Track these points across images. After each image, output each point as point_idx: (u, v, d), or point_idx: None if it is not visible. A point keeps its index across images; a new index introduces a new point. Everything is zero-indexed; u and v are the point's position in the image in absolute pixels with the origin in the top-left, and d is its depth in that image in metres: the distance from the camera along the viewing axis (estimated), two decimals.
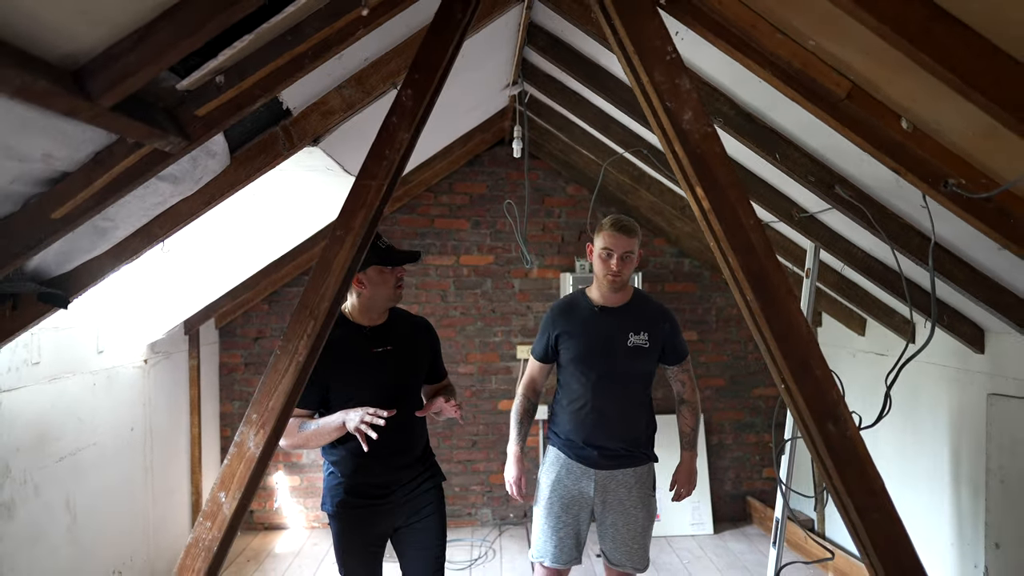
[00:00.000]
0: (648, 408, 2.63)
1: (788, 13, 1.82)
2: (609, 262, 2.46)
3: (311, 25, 1.80)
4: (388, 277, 2.30)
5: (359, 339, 2.34)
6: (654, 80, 1.82)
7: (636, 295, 2.62)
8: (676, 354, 2.61)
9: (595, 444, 2.52)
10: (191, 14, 1.40)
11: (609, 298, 2.55)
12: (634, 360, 2.51)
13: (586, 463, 2.54)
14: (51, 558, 2.87)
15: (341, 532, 2.36)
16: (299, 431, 2.26)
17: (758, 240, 1.83)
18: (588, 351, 2.53)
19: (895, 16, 1.44)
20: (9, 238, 1.83)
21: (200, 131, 1.87)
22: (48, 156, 1.65)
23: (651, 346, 2.52)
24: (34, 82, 1.23)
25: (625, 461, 2.55)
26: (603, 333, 2.52)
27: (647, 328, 2.52)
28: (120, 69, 1.41)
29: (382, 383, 2.32)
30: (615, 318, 2.53)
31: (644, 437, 2.60)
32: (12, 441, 2.64)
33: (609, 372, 2.50)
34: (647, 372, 2.58)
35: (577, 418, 2.54)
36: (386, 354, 2.35)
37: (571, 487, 2.55)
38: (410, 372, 2.43)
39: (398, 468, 2.37)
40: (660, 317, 2.56)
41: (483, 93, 3.54)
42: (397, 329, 2.42)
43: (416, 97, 1.88)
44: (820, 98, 1.96)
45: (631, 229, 2.48)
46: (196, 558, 1.86)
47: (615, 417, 2.52)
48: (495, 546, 4.53)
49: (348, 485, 2.34)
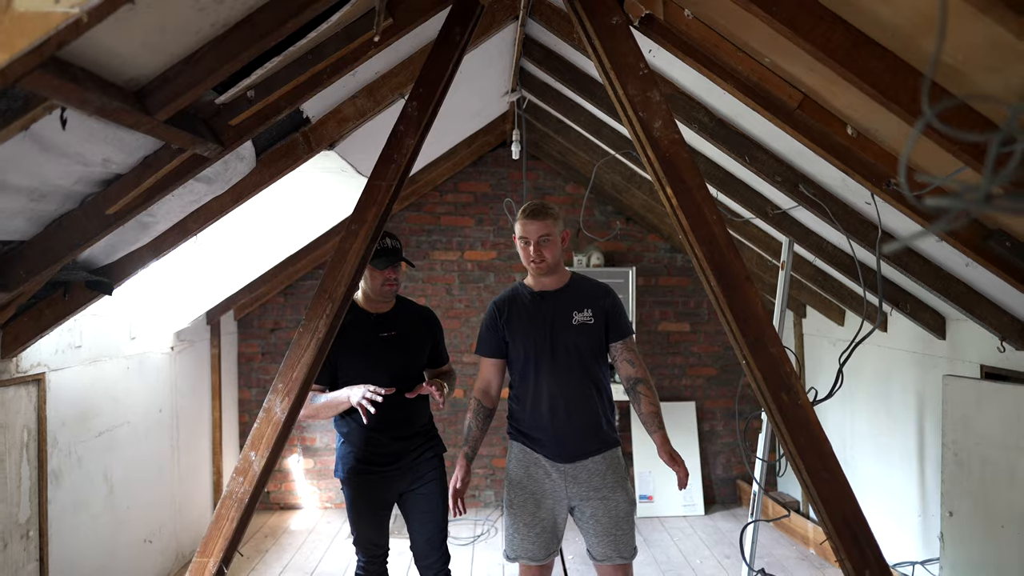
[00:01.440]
0: (605, 389, 2.51)
1: (745, 34, 2.08)
2: (528, 249, 2.43)
3: (329, 47, 2.07)
4: (376, 276, 2.55)
5: (367, 324, 2.61)
6: (628, 93, 2.09)
7: (574, 278, 2.56)
8: (619, 330, 2.50)
9: (557, 435, 2.42)
10: (232, 44, 1.69)
11: (544, 283, 2.50)
12: (580, 337, 2.43)
13: (552, 457, 2.44)
14: (92, 523, 3.17)
15: (352, 496, 2.65)
16: (311, 403, 2.52)
17: (720, 233, 2.10)
18: (533, 338, 2.46)
19: (824, 42, 1.70)
20: (70, 231, 2.12)
21: (233, 138, 2.15)
22: (107, 161, 1.93)
23: (595, 321, 2.45)
24: (110, 102, 1.51)
25: (591, 448, 2.44)
26: (545, 318, 2.46)
27: (589, 305, 2.46)
28: (173, 89, 1.69)
29: (385, 364, 2.58)
30: (555, 301, 2.47)
31: (605, 420, 2.49)
32: (59, 416, 2.93)
33: (556, 355, 2.43)
34: (596, 349, 2.46)
35: (535, 412, 2.45)
36: (391, 339, 2.62)
37: (542, 481, 2.44)
38: (411, 356, 2.68)
39: (401, 439, 2.63)
40: (601, 293, 2.51)
41: (485, 99, 3.82)
42: (402, 317, 2.68)
43: (421, 108, 2.16)
44: (776, 107, 2.22)
45: (543, 212, 2.42)
46: (230, 508, 2.15)
47: (571, 403, 2.43)
48: (496, 525, 4.80)
49: (357, 454, 2.61)
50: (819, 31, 1.71)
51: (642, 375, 2.51)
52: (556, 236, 2.45)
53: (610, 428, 2.51)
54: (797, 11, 1.69)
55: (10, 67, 1.17)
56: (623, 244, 5.22)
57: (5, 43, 1.09)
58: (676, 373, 5.25)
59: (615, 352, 2.53)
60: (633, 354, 2.53)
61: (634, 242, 5.24)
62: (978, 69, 1.55)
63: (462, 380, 5.09)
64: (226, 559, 2.16)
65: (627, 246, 5.23)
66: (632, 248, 5.24)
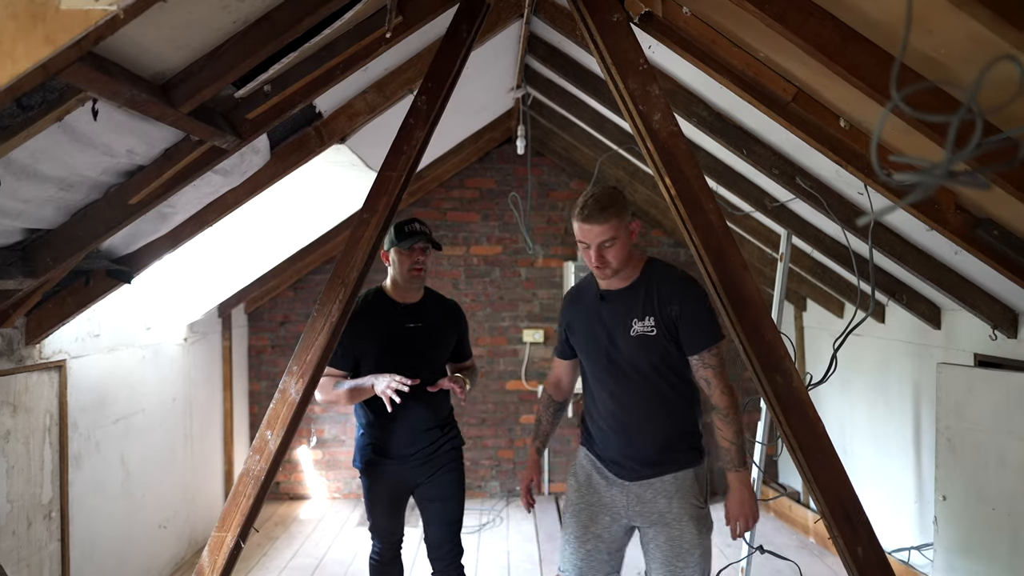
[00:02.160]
0: (685, 401, 2.16)
1: (740, 30, 2.16)
2: (588, 253, 2.07)
3: (342, 43, 2.17)
4: (404, 259, 2.54)
5: (393, 314, 2.60)
6: (628, 87, 2.18)
7: (648, 271, 2.16)
8: (690, 343, 2.08)
9: (619, 451, 2.14)
10: (252, 40, 1.78)
11: (611, 282, 2.16)
12: (638, 351, 2.08)
13: (614, 472, 2.16)
14: (109, 506, 3.27)
15: (369, 485, 2.68)
16: (334, 388, 2.55)
17: (717, 222, 2.18)
18: (589, 349, 2.19)
19: (815, 37, 1.79)
20: (94, 220, 2.22)
21: (250, 131, 2.25)
22: (131, 152, 2.03)
23: (657, 333, 2.06)
24: (138, 95, 1.60)
25: (659, 467, 2.11)
26: (604, 325, 2.14)
27: (653, 311, 2.08)
28: (196, 83, 1.79)
29: (409, 355, 2.56)
30: (616, 305, 2.13)
31: (678, 435, 2.14)
32: (78, 401, 3.04)
33: (613, 371, 2.12)
34: (664, 362, 2.10)
35: (597, 422, 2.20)
36: (416, 330, 2.61)
37: (603, 494, 2.17)
38: (435, 348, 2.67)
39: (420, 431, 2.61)
40: (669, 297, 2.09)
41: (491, 96, 3.91)
42: (429, 308, 2.67)
43: (430, 102, 2.25)
44: (771, 101, 2.31)
45: (603, 213, 2.02)
46: (247, 485, 2.24)
47: (635, 423, 2.12)
48: (502, 514, 4.90)
49: (376, 445, 2.63)
50: (809, 26, 1.79)
51: (718, 402, 2.08)
52: (623, 235, 2.05)
53: (686, 447, 2.14)
54: (787, 6, 1.77)
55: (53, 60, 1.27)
56: None
57: (49, 38, 1.18)
58: None
59: (692, 367, 2.13)
60: (712, 372, 2.08)
61: (638, 236, 5.31)
62: (958, 61, 1.64)
63: None
64: (243, 534, 2.26)
65: None
66: (636, 243, 5.31)
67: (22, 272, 2.16)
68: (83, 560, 3.02)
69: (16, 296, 2.30)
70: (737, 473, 2.09)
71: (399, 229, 2.55)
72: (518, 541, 4.41)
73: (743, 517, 2.10)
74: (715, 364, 2.09)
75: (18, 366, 2.65)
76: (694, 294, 2.12)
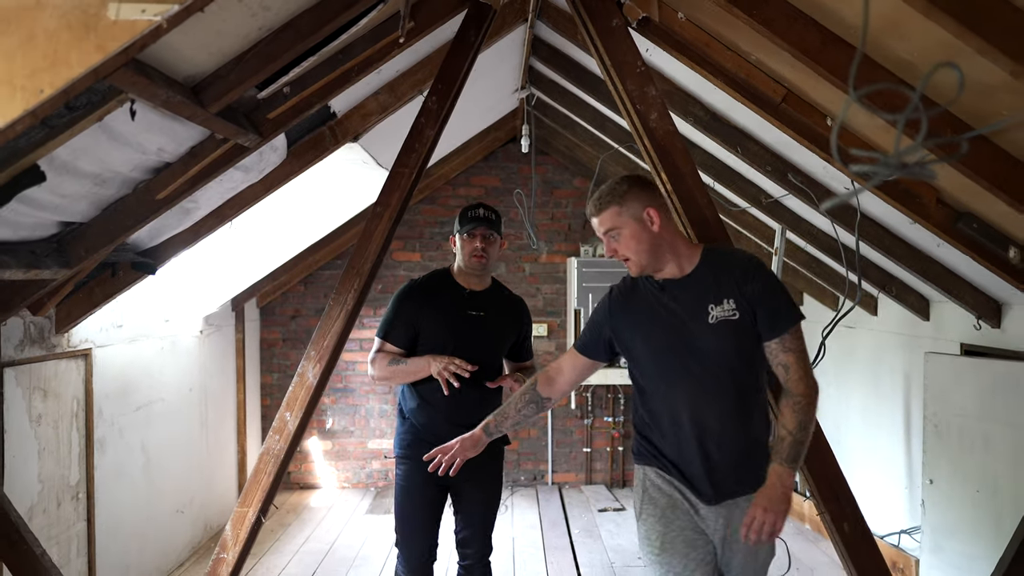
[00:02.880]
0: (763, 401, 1.92)
1: (733, 34, 2.29)
2: (610, 245, 1.90)
3: (358, 47, 2.31)
4: (466, 244, 2.44)
5: (458, 298, 2.48)
6: (627, 88, 2.31)
7: (709, 255, 1.89)
8: (771, 325, 1.78)
9: (708, 472, 1.83)
10: (275, 46, 1.92)
11: (669, 271, 1.88)
12: (722, 340, 1.80)
13: (701, 497, 1.85)
14: (131, 490, 3.42)
15: (405, 474, 2.48)
16: (388, 365, 2.43)
17: (710, 215, 2.32)
18: (656, 345, 1.89)
19: (799, 40, 1.92)
20: (124, 214, 2.35)
21: (270, 130, 2.38)
22: (160, 149, 2.17)
23: (740, 316, 1.78)
24: (173, 96, 1.74)
25: (747, 485, 1.81)
26: (672, 315, 1.85)
27: (730, 292, 1.79)
28: (224, 86, 1.93)
29: (468, 343, 2.43)
30: (681, 293, 1.85)
31: (758, 442, 1.87)
32: (103, 389, 3.18)
33: (692, 368, 1.83)
34: (749, 354, 1.82)
35: (667, 433, 1.88)
36: (478, 318, 2.48)
37: (695, 520, 1.87)
38: (495, 341, 2.54)
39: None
40: (744, 276, 1.80)
41: (496, 96, 4.05)
42: (493, 300, 2.55)
43: (439, 102, 2.39)
44: (763, 101, 2.43)
45: (597, 203, 1.89)
46: (267, 463, 2.39)
47: (723, 431, 1.82)
48: (507, 503, 5.03)
49: (418, 432, 2.46)
50: (794, 31, 1.92)
51: (795, 388, 1.77)
52: (630, 226, 1.84)
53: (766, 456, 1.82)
54: (774, 13, 1.91)
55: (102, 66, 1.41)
56: None
57: (100, 46, 1.32)
58: None
59: (769, 352, 1.81)
60: (793, 356, 1.78)
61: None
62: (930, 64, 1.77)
63: None
64: (263, 509, 2.40)
65: None
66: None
67: (57, 263, 2.30)
68: (108, 540, 3.16)
69: (51, 286, 2.44)
70: (781, 467, 1.73)
71: (463, 214, 2.47)
72: (522, 528, 4.55)
73: (770, 517, 1.70)
74: (796, 348, 1.79)
75: (48, 353, 2.79)
76: (767, 271, 1.87)
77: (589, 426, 5.43)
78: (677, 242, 1.89)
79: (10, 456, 2.52)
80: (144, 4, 1.36)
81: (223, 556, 2.35)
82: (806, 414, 1.77)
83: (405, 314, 2.44)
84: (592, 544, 4.26)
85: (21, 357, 2.62)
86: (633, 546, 4.22)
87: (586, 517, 4.76)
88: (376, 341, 2.49)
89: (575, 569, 3.89)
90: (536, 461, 5.49)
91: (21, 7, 1.35)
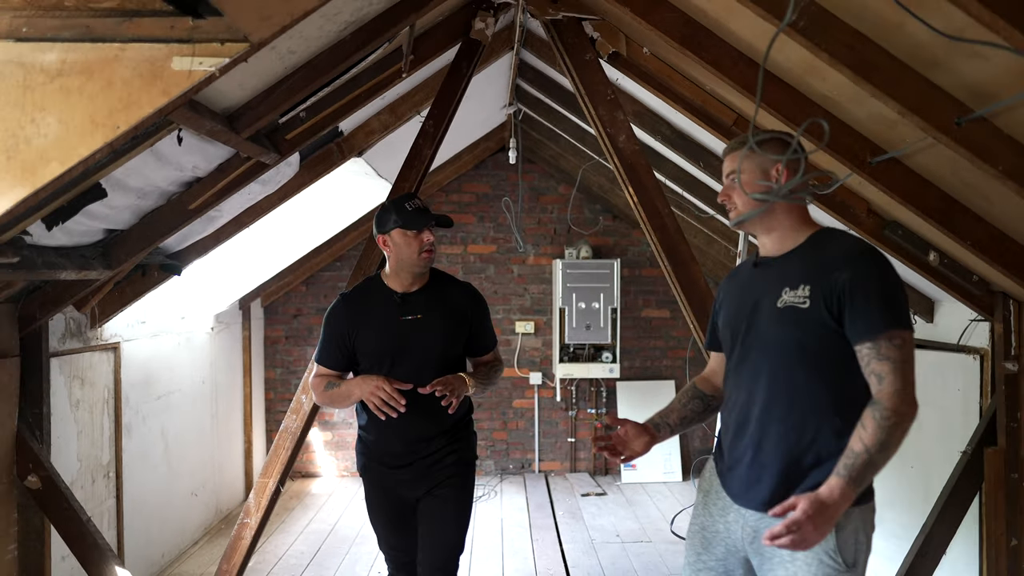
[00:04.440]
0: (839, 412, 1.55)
1: (690, 67, 2.65)
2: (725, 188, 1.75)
3: (365, 77, 2.66)
4: (412, 241, 2.16)
5: (389, 305, 2.22)
6: (598, 113, 2.67)
7: (817, 236, 1.68)
8: (856, 325, 1.51)
9: (741, 468, 1.66)
10: (298, 80, 2.27)
11: (767, 245, 1.72)
12: (781, 327, 1.60)
13: (729, 492, 1.70)
14: (153, 473, 3.74)
15: (367, 493, 2.37)
16: (324, 391, 2.24)
17: (671, 223, 2.68)
18: (731, 323, 1.75)
19: (741, 78, 2.28)
20: (159, 222, 2.69)
21: (288, 149, 2.73)
22: (195, 167, 2.51)
23: (810, 306, 1.55)
24: (215, 126, 2.09)
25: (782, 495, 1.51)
26: (753, 293, 1.70)
27: (810, 279, 1.57)
28: (254, 115, 2.27)
29: (408, 353, 2.19)
30: (771, 270, 1.69)
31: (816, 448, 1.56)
32: (129, 378, 3.51)
33: (750, 346, 1.67)
34: (815, 348, 1.57)
35: (725, 420, 1.76)
36: (415, 323, 2.20)
37: (717, 519, 1.73)
38: (441, 343, 2.24)
39: (416, 441, 2.22)
40: (837, 263, 1.56)
41: (487, 112, 4.40)
42: (434, 295, 2.26)
43: (435, 125, 2.74)
44: (716, 124, 2.80)
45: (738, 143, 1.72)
46: (285, 440, 2.73)
47: (762, 417, 1.62)
48: (496, 489, 5.38)
49: (371, 451, 2.30)
50: (737, 69, 2.29)
51: (883, 397, 1.48)
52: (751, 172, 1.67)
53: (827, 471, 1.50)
54: (719, 54, 2.27)
55: (166, 106, 1.76)
56: (609, 239, 5.80)
57: (165, 91, 1.67)
58: (657, 355, 5.83)
59: (860, 360, 1.52)
60: (890, 366, 1.47)
61: (620, 237, 5.81)
62: (848, 101, 2.13)
63: None
64: (282, 480, 2.75)
65: (613, 240, 5.81)
66: (618, 243, 5.82)
67: (102, 265, 2.64)
68: (133, 517, 3.49)
69: (94, 285, 2.77)
70: (843, 483, 1.43)
71: (401, 208, 2.18)
72: (511, 511, 4.90)
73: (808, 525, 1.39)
74: (896, 358, 1.48)
75: (84, 346, 3.13)
76: (874, 261, 1.56)
77: (573, 417, 5.79)
78: (794, 215, 1.68)
79: (55, 436, 2.85)
80: (201, 57, 1.72)
81: (247, 521, 2.69)
82: (891, 434, 1.47)
83: (335, 333, 2.24)
84: (575, 524, 4.61)
85: (63, 349, 2.95)
86: (611, 526, 4.59)
87: (570, 501, 5.12)
88: (313, 365, 2.32)
89: (559, 545, 4.24)
90: (524, 450, 5.84)
91: (103, 59, 1.71)
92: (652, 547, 4.22)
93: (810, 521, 1.40)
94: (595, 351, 5.48)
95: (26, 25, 1.71)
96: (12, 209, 1.70)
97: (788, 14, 1.53)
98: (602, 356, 5.45)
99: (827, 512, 1.42)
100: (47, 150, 1.71)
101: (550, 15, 2.65)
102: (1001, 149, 1.82)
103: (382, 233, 2.21)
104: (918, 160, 2.27)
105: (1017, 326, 2.78)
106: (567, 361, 5.45)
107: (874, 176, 2.31)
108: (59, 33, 1.71)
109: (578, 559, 4.04)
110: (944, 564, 2.82)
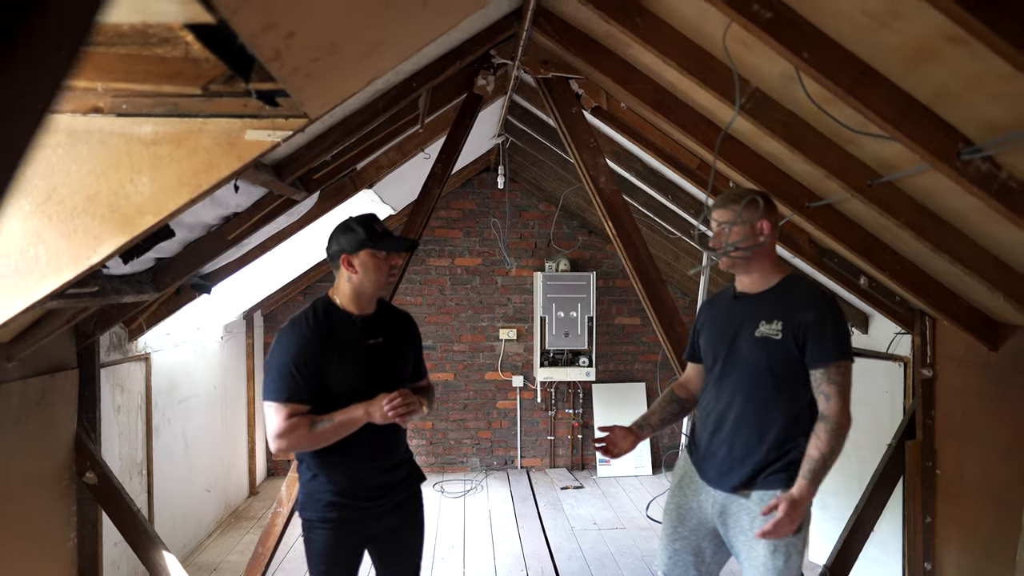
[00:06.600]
0: (795, 420, 2.03)
1: (660, 122, 3.13)
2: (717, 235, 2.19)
3: (384, 128, 3.08)
4: (381, 264, 2.11)
5: (352, 329, 2.14)
6: (582, 157, 3.13)
7: (787, 281, 2.14)
8: (814, 355, 1.99)
9: (712, 457, 2.15)
10: (330, 136, 2.69)
11: (745, 283, 2.19)
12: (758, 352, 2.06)
13: (703, 476, 2.19)
14: (176, 470, 4.12)
15: (327, 539, 2.12)
16: (312, 431, 1.99)
17: (644, 253, 3.15)
18: (713, 346, 2.21)
19: (704, 137, 2.75)
20: (201, 251, 3.09)
21: (314, 187, 3.14)
22: (238, 205, 2.91)
23: (782, 338, 2.02)
24: (268, 177, 2.50)
25: (748, 482, 2.06)
26: (733, 324, 2.16)
27: (783, 316, 2.04)
28: (296, 165, 2.69)
29: (379, 378, 2.12)
30: (749, 306, 2.15)
31: (778, 452, 2.03)
32: (157, 385, 3.89)
33: (728, 369, 2.14)
34: (782, 372, 2.03)
35: (703, 419, 2.23)
36: (380, 346, 2.17)
37: (690, 498, 2.22)
38: (401, 365, 2.26)
39: (389, 468, 2.20)
40: (804, 305, 2.04)
41: (479, 142, 4.84)
42: (387, 321, 2.25)
43: (443, 168, 3.17)
44: (682, 168, 3.28)
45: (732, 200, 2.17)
46: None
47: (737, 427, 2.09)
48: (482, 483, 5.83)
49: (340, 488, 2.10)
50: (700, 130, 2.76)
51: (830, 413, 1.96)
52: (741, 226, 2.12)
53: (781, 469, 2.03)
54: (685, 117, 2.73)
55: (240, 169, 2.17)
56: (586, 253, 6.28)
57: (239, 156, 2.07)
58: (629, 359, 6.33)
59: (813, 382, 2.02)
60: (835, 389, 1.97)
61: (595, 251, 6.30)
62: (788, 159, 2.62)
63: (452, 366, 6.11)
64: None
65: (589, 254, 6.29)
66: (594, 256, 6.30)
67: (152, 288, 3.03)
68: (162, 510, 3.87)
69: (143, 305, 3.16)
70: (808, 484, 1.93)
71: (371, 229, 2.11)
72: (497, 503, 5.35)
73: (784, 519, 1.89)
74: (840, 383, 1.98)
75: (124, 357, 3.50)
76: (830, 307, 2.06)
77: (552, 417, 6.26)
78: (770, 262, 2.17)
79: (103, 438, 3.23)
80: (270, 130, 2.14)
81: (279, 510, 3.10)
82: (838, 441, 1.97)
83: (305, 363, 2.02)
84: (556, 514, 5.08)
85: (108, 360, 3.33)
86: (589, 515, 5.06)
87: (551, 494, 5.58)
88: (274, 409, 1.99)
89: (542, 532, 4.70)
90: (507, 448, 6.30)
91: (188, 131, 2.12)
92: (626, 533, 4.70)
93: (787, 516, 1.91)
94: (573, 356, 5.95)
95: (126, 103, 2.12)
96: (112, 253, 2.11)
97: (737, 100, 2.03)
98: (579, 360, 5.92)
99: (799, 508, 1.93)
100: (143, 205, 2.11)
101: (542, 74, 3.10)
102: (903, 206, 2.32)
103: (348, 253, 2.11)
104: (846, 206, 2.76)
105: (932, 339, 3.32)
106: (547, 365, 5.90)
107: (810, 217, 2.80)
108: (152, 110, 2.11)
109: (560, 544, 4.50)
110: (873, 539, 3.34)
